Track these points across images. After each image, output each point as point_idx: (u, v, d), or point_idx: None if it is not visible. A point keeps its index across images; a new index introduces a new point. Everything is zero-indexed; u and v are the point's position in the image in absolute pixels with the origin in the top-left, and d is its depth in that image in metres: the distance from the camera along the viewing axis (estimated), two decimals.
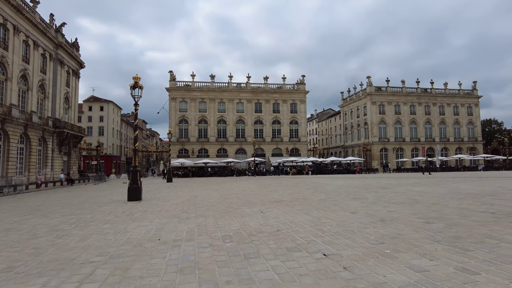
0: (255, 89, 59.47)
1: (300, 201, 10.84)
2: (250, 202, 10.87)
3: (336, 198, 11.56)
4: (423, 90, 67.22)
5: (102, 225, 7.46)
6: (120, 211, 9.97)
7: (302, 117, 61.22)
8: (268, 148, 58.78)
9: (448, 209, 8.25)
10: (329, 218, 7.39)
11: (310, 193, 13.62)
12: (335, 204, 9.79)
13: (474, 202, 9.45)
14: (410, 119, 65.70)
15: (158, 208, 10.38)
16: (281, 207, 9.32)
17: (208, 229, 6.57)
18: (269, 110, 59.58)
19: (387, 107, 65.00)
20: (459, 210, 8.16)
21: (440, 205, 8.93)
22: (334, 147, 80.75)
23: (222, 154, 57.32)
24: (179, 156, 55.05)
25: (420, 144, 65.22)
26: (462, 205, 9.01)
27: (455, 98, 67.90)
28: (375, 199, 10.82)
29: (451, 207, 8.55)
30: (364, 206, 9.19)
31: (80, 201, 13.69)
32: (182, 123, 57.16)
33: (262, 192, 15.19)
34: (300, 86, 61.30)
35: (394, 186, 17.04)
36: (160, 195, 15.88)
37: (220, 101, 58.27)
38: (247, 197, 12.71)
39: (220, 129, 58.23)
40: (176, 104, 56.90)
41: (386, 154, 63.69)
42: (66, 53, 39.16)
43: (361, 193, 13.00)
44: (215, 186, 21.48)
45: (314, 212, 8.18)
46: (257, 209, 9.03)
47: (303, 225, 6.62)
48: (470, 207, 8.60)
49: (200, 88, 57.89)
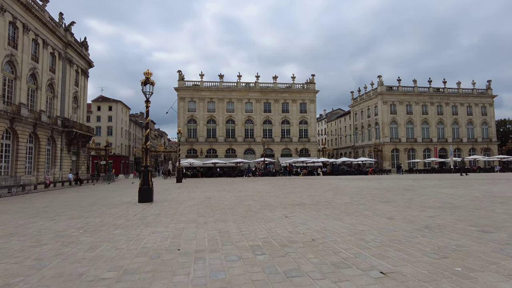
0: (264, 89, 58.71)
1: (324, 204, 10.02)
2: (270, 205, 10.08)
3: (362, 201, 10.71)
4: (435, 89, 65.71)
5: (113, 230, 6.74)
6: (132, 214, 9.28)
7: (312, 117, 60.25)
8: (277, 149, 57.95)
9: (497, 215, 7.38)
10: (365, 224, 6.58)
11: (331, 196, 12.77)
12: (364, 208, 8.96)
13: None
14: (422, 119, 64.26)
15: (172, 211, 9.67)
16: (305, 211, 8.51)
17: (232, 236, 5.80)
18: (278, 110, 58.75)
19: (398, 107, 63.66)
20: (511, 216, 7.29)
21: (485, 210, 8.06)
22: (344, 147, 79.55)
23: (230, 154, 56.67)
24: (188, 156, 54.56)
25: (432, 144, 63.75)
26: (510, 210, 8.12)
27: (469, 97, 66.23)
28: (405, 202, 9.97)
29: (500, 213, 7.68)
30: (399, 210, 8.35)
31: (89, 203, 13.05)
32: (191, 123, 56.66)
33: (279, 193, 14.39)
34: (309, 85, 60.36)
35: (418, 188, 16.10)
36: (172, 196, 15.19)
37: (228, 100, 57.63)
38: (265, 199, 11.93)
39: (228, 129, 57.59)
40: (184, 104, 56.42)
41: (398, 154, 62.40)
42: (75, 52, 38.85)
43: (387, 196, 12.13)
44: (226, 187, 20.75)
45: (346, 218, 7.36)
46: (280, 213, 8.24)
47: (340, 234, 5.82)
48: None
49: (208, 87, 57.32)
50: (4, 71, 26.23)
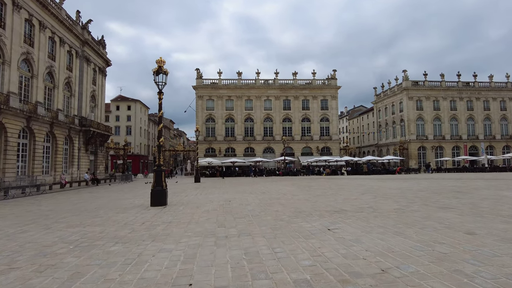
0: (283, 86, 56.96)
1: (369, 211, 8.31)
2: (302, 212, 8.48)
3: (414, 207, 8.91)
4: (465, 84, 61.99)
5: (111, 246, 5.35)
6: (139, 221, 7.92)
7: (334, 114, 58.02)
8: (297, 147, 56.12)
9: None
10: (443, 243, 4.88)
11: (372, 200, 10.98)
12: (422, 217, 7.21)
13: None
14: (451, 115, 60.75)
15: (187, 218, 8.24)
16: (350, 221, 6.86)
17: (265, 262, 4.25)
18: (298, 107, 56.88)
19: (424, 102, 60.46)
20: None
21: None
22: (367, 145, 76.72)
23: (249, 153, 55.30)
24: (206, 155, 53.59)
25: (461, 142, 60.15)
26: None
27: (502, 91, 62.12)
28: (470, 209, 8.11)
29: None
30: (470, 221, 6.58)
31: (97, 206, 11.85)
32: (209, 121, 55.64)
33: (307, 196, 12.74)
34: (331, 81, 58.15)
35: (469, 189, 14.05)
36: (188, 198, 13.84)
37: (247, 98, 56.24)
38: (294, 204, 10.32)
39: (247, 127, 56.22)
40: (203, 102, 55.46)
41: (425, 153, 59.28)
42: (93, 50, 38.38)
43: (439, 200, 10.23)
44: (247, 188, 19.29)
45: (409, 232, 5.65)
46: (319, 224, 6.63)
47: (417, 259, 4.13)
48: None
49: (226, 85, 56.13)
50: (21, 69, 25.72)
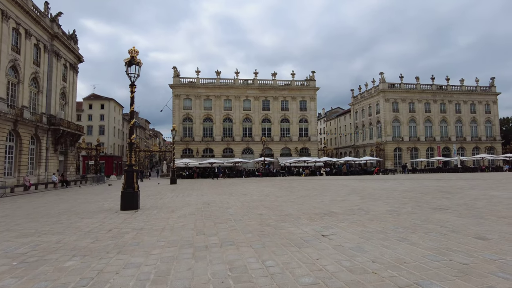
0: (262, 86, 56.39)
1: (361, 213, 7.70)
2: (289, 215, 7.76)
3: (407, 208, 8.38)
4: (438, 87, 63.78)
5: (66, 261, 4.41)
6: (106, 228, 6.95)
7: (312, 115, 58.07)
8: (276, 148, 55.68)
9: None
10: (458, 251, 4.23)
11: (359, 201, 10.42)
12: (420, 219, 6.66)
13: None
14: (425, 117, 62.27)
15: (161, 223, 7.34)
16: (344, 225, 6.19)
17: (255, 281, 3.45)
18: (278, 108, 56.49)
19: (400, 104, 61.65)
20: None
21: None
22: (344, 147, 77.51)
23: (228, 154, 54.32)
24: (183, 156, 52.14)
25: (435, 143, 61.81)
26: None
27: (472, 95, 64.39)
28: (466, 210, 7.64)
29: None
30: (473, 223, 6.07)
31: (60, 210, 10.66)
32: (186, 121, 54.20)
33: (292, 198, 12.04)
34: (309, 82, 58.18)
35: (456, 189, 13.83)
36: (163, 201, 12.84)
37: (226, 98, 55.25)
38: (279, 206, 9.58)
39: (226, 127, 55.22)
40: (180, 101, 53.96)
41: (400, 154, 60.39)
42: (63, 45, 36.27)
43: (429, 201, 9.78)
44: (227, 189, 18.43)
45: (414, 238, 5.01)
46: (310, 229, 5.92)
47: (437, 273, 3.40)
48: None
49: (205, 85, 54.91)
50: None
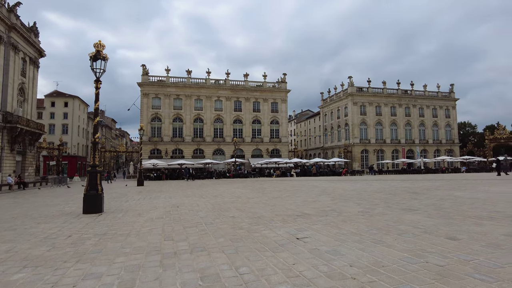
0: (234, 87, 56.09)
1: (333, 214, 7.66)
2: (262, 217, 7.57)
3: (378, 209, 8.46)
4: (404, 91, 66.65)
5: (14, 274, 3.93)
6: (65, 234, 6.42)
7: (283, 117, 58.57)
8: (248, 149, 55.57)
9: None
10: (432, 252, 4.22)
11: (331, 202, 10.45)
12: (392, 220, 6.69)
13: None
14: (391, 120, 64.80)
15: (126, 228, 6.89)
16: (318, 227, 6.09)
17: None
18: (249, 109, 56.43)
19: (368, 108, 63.70)
20: None
21: None
22: (313, 148, 78.84)
23: (198, 155, 53.49)
24: (151, 156, 50.67)
25: (400, 145, 64.46)
26: None
27: (434, 100, 67.90)
28: (434, 210, 7.80)
29: None
30: (443, 223, 6.17)
31: (14, 215, 9.83)
32: (155, 121, 52.78)
33: (264, 199, 11.88)
34: (281, 84, 58.66)
35: (422, 190, 14.27)
36: (129, 203, 12.25)
37: (197, 98, 54.41)
38: (251, 208, 9.37)
39: (196, 128, 54.35)
40: (148, 100, 52.46)
41: (367, 155, 62.34)
42: (22, 37, 34.04)
43: (398, 201, 9.94)
44: (197, 191, 17.98)
45: (388, 239, 4.95)
46: (284, 232, 5.76)
47: (415, 276, 3.32)
48: None
49: (175, 83, 53.76)
50: None
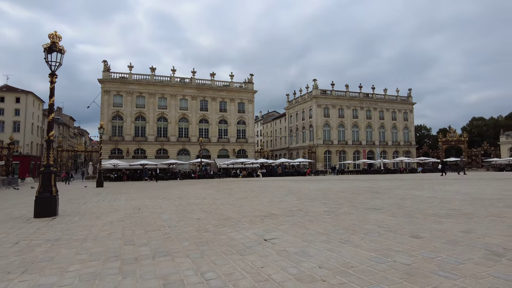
0: (200, 86, 55.31)
1: (300, 214, 7.65)
2: (229, 219, 7.38)
3: (343, 208, 8.58)
4: (365, 95, 69.31)
5: None
6: (12, 241, 5.84)
7: (250, 118, 58.67)
8: (214, 149, 55.02)
9: None
10: (398, 250, 4.24)
11: (297, 202, 10.47)
12: (358, 219, 6.79)
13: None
14: (353, 122, 67.11)
15: (82, 232, 6.42)
16: (285, 228, 6.02)
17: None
18: (216, 109, 55.91)
19: (331, 110, 65.53)
20: None
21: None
22: (279, 149, 79.75)
23: (162, 155, 52.11)
24: (112, 156, 48.59)
25: (361, 147, 66.92)
26: None
27: (393, 103, 71.26)
28: (397, 209, 7.98)
29: None
30: (407, 222, 6.34)
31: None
32: (116, 119, 50.71)
33: (230, 200, 11.68)
34: (248, 85, 58.74)
35: (384, 190, 14.76)
36: (87, 206, 11.54)
37: (161, 96, 53.01)
38: (218, 210, 9.14)
39: (160, 127, 52.93)
40: (109, 98, 50.29)
41: (330, 156, 64.10)
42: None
43: (362, 201, 10.17)
44: (160, 192, 17.39)
45: (354, 238, 4.98)
46: (252, 233, 5.62)
47: (385, 276, 3.32)
48: None
49: (138, 81, 52.00)
50: None
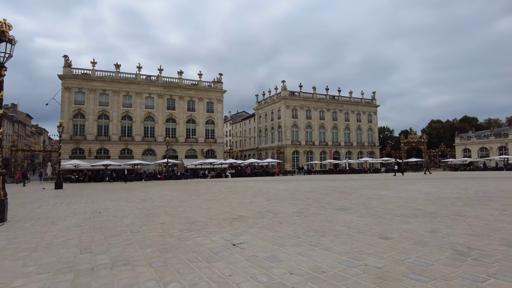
0: (167, 84, 53.98)
1: (268, 216, 7.48)
2: (196, 222, 7.05)
3: (312, 209, 8.54)
4: (331, 97, 71.11)
5: None
6: None
7: (219, 117, 58.10)
8: (181, 150, 53.87)
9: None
10: (369, 253, 4.15)
11: (266, 203, 10.32)
12: (327, 220, 6.74)
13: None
14: (320, 124, 68.59)
15: (33, 240, 5.85)
16: (255, 231, 5.82)
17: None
18: (184, 108, 54.81)
19: (299, 111, 66.57)
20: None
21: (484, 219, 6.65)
22: (248, 149, 79.78)
23: (126, 155, 50.26)
24: (73, 156, 46.15)
25: (327, 147, 68.55)
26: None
27: (358, 106, 73.67)
28: (365, 210, 8.07)
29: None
30: (374, 222, 6.37)
31: None
32: (78, 117, 48.25)
33: (198, 202, 11.30)
34: (217, 84, 58.13)
35: (349, 189, 15.02)
36: (42, 210, 10.71)
37: (126, 94, 51.11)
38: (184, 213, 8.76)
39: (124, 126, 51.04)
40: (71, 95, 47.74)
41: (298, 156, 65.05)
42: None
43: (332, 201, 10.21)
44: (123, 195, 16.62)
45: (324, 240, 4.87)
46: (219, 238, 5.36)
47: (357, 282, 3.15)
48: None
49: (102, 78, 49.80)
50: None
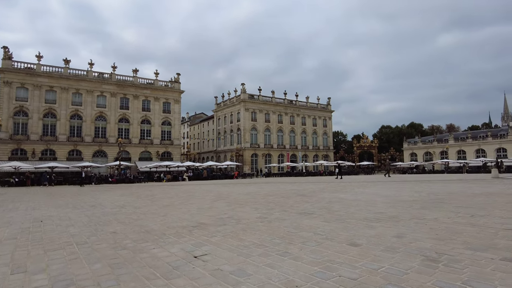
0: (121, 82, 51.55)
1: (231, 223, 7.09)
2: (151, 231, 6.46)
3: (275, 214, 8.27)
4: (289, 101, 72.60)
5: None
6: None
7: (176, 118, 56.62)
8: (135, 151, 51.63)
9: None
10: (340, 262, 3.88)
11: (227, 208, 9.90)
12: (292, 226, 6.52)
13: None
14: (278, 127, 69.68)
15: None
16: (218, 240, 5.40)
17: None
18: (138, 108, 52.66)
19: (258, 114, 67.09)
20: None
21: (443, 223, 6.79)
22: (207, 151, 78.66)
23: (75, 156, 47.16)
24: (13, 158, 42.25)
25: (285, 150, 69.79)
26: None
27: (314, 111, 76.00)
28: (328, 214, 8.00)
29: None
30: (340, 228, 6.26)
31: None
32: (20, 115, 44.38)
33: (153, 208, 10.56)
34: (174, 84, 56.64)
35: (309, 192, 15.07)
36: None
37: (75, 92, 47.99)
38: (138, 220, 8.05)
39: (73, 126, 47.91)
40: (11, 90, 43.81)
41: (257, 159, 65.42)
42: None
43: (294, 205, 10.04)
44: (70, 200, 15.28)
45: (292, 249, 4.58)
46: (179, 249, 4.88)
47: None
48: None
49: (48, 73, 46.30)
50: None
